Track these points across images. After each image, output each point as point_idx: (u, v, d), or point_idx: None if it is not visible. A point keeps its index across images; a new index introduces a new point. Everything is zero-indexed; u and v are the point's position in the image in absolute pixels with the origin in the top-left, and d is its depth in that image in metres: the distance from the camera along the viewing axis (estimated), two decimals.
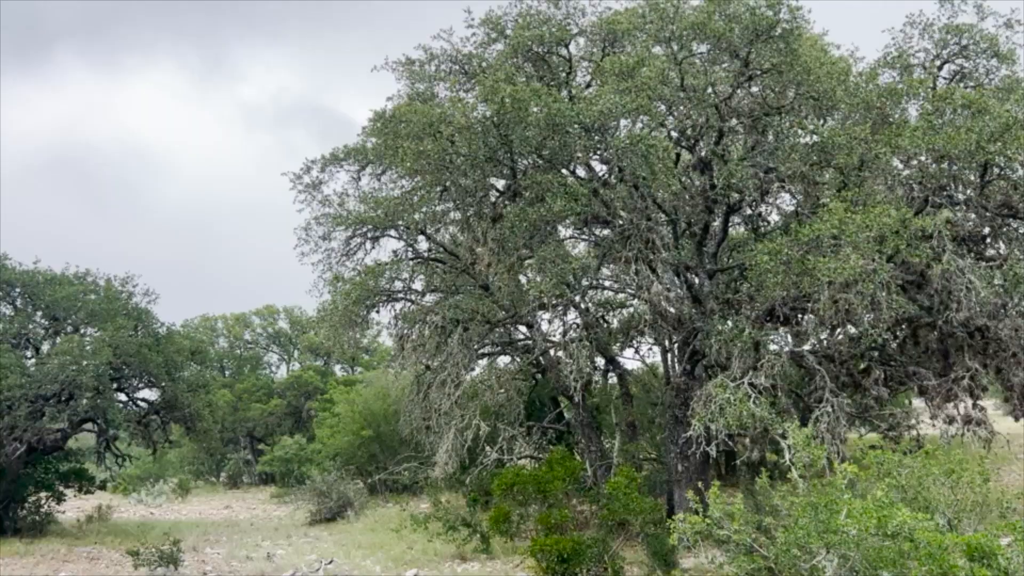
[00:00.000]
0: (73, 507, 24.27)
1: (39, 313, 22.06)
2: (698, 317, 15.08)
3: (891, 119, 14.52)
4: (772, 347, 14.84)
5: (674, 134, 16.16)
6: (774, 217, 17.42)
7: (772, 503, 9.12)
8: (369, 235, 18.67)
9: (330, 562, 15.12)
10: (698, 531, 8.46)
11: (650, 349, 22.20)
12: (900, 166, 15.06)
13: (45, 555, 17.44)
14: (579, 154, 15.36)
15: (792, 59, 14.30)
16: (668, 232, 15.28)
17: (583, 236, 18.35)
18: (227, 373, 42.87)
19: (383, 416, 27.47)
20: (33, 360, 20.90)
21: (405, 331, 19.31)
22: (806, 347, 15.34)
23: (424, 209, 17.97)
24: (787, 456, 11.17)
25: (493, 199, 16.20)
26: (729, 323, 14.94)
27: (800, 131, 14.89)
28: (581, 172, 16.27)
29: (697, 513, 9.03)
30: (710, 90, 14.82)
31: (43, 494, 21.74)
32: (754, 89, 15.63)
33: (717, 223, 16.09)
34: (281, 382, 41.34)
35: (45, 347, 21.81)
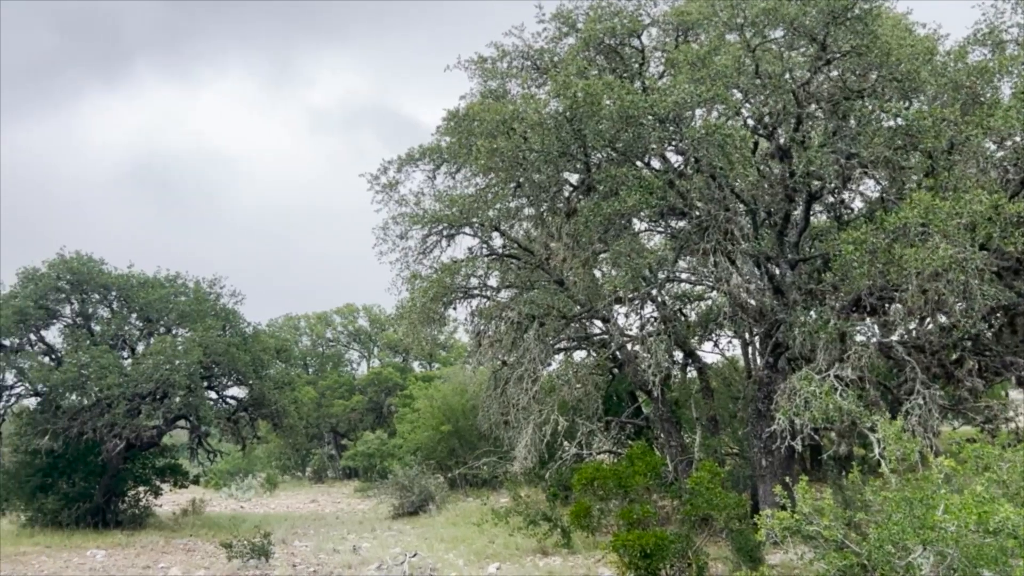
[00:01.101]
0: (169, 501, 25.35)
1: (134, 315, 23.06)
2: (780, 309, 14.75)
3: (982, 99, 13.88)
4: (859, 338, 14.40)
5: (751, 122, 15.81)
6: (857, 204, 16.89)
7: (864, 498, 8.86)
8: (444, 233, 18.87)
9: (414, 555, 15.38)
10: (787, 527, 8.29)
11: (730, 342, 21.86)
12: (993, 148, 14.39)
13: (145, 546, 18.26)
14: (654, 146, 15.18)
15: (872, 40, 13.82)
16: (747, 222, 14.98)
17: (659, 229, 18.17)
18: (310, 371, 44.06)
19: (461, 411, 27.79)
20: (129, 360, 21.84)
21: (481, 327, 19.49)
22: (894, 337, 14.80)
23: (498, 206, 18.08)
24: (877, 450, 10.85)
25: (567, 194, 16.18)
26: (813, 314, 14.57)
27: (883, 114, 14.38)
28: (656, 164, 16.08)
29: (784, 508, 8.86)
30: (787, 76, 14.45)
31: (141, 488, 22.77)
32: (833, 73, 15.15)
33: (798, 212, 15.68)
34: (362, 379, 42.24)
35: (140, 348, 22.80)
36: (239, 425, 24.22)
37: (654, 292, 16.98)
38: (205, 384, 22.33)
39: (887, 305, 14.39)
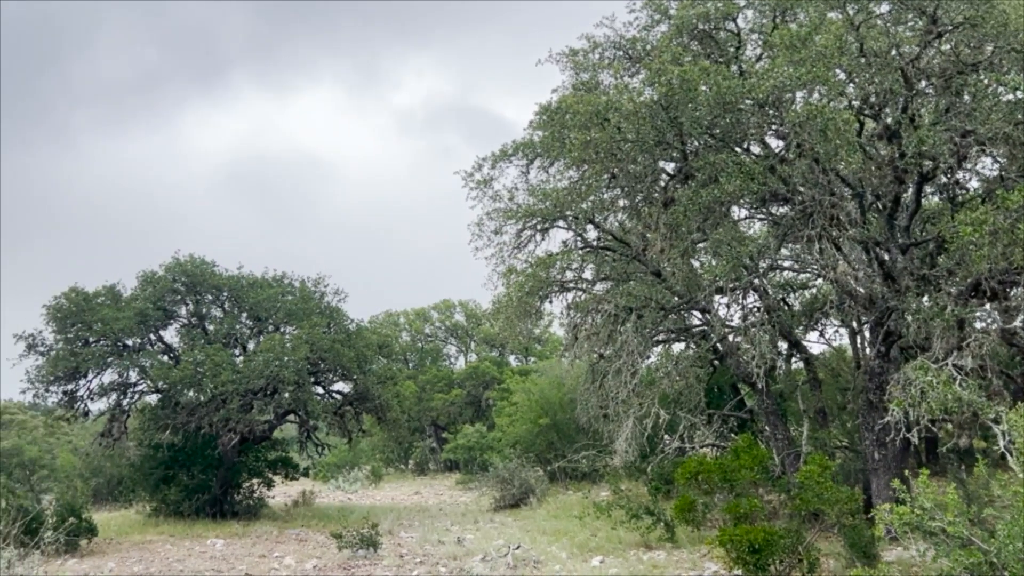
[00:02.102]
0: (280, 492, 26.38)
1: (244, 314, 24.08)
2: (891, 295, 14.14)
3: None
4: (978, 324, 13.66)
5: (856, 103, 15.18)
6: (974, 184, 16.01)
7: (991, 493, 8.41)
8: (539, 227, 18.91)
9: (517, 547, 15.50)
10: (907, 522, 7.95)
11: (836, 331, 21.11)
12: None
13: (260, 536, 19.05)
14: (752, 131, 14.78)
15: (988, 10, 13.05)
16: (854, 207, 14.42)
17: (760, 216, 17.70)
18: (411, 365, 44.98)
19: (559, 404, 27.83)
20: (241, 358, 22.82)
21: (578, 320, 19.45)
22: (1018, 323, 13.98)
23: (592, 198, 17.98)
24: (1002, 443, 10.29)
25: (663, 183, 15.95)
26: (926, 300, 13.92)
27: (1001, 88, 13.57)
28: (756, 149, 15.66)
29: (900, 503, 8.50)
30: (894, 52, 13.82)
31: (255, 480, 23.75)
32: (945, 47, 14.39)
33: (908, 194, 14.99)
34: (460, 373, 42.87)
35: (251, 345, 23.80)
36: (345, 419, 24.96)
37: (756, 281, 16.56)
38: (312, 380, 23.09)
39: (1009, 289, 13.60)
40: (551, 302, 19.49)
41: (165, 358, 22.49)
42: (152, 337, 22.85)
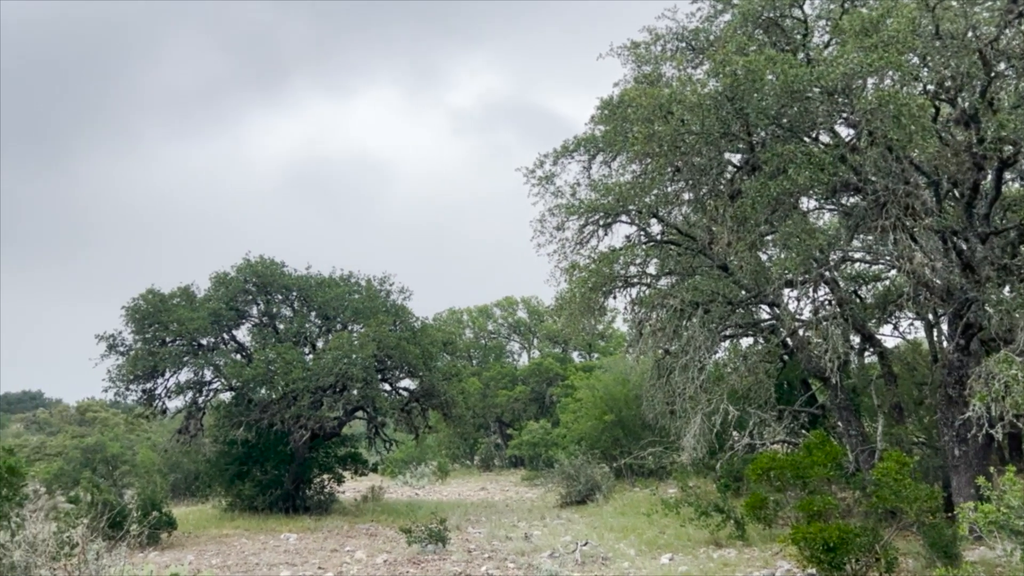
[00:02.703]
0: (350, 488, 26.85)
1: (313, 313, 24.58)
2: (970, 286, 13.63)
3: None
4: None
5: (930, 87, 14.69)
6: None
7: None
8: (601, 222, 18.78)
9: (585, 544, 15.48)
10: (992, 521, 7.66)
11: (911, 324, 20.45)
12: None
13: (331, 531, 19.44)
14: (821, 120, 14.41)
15: None
16: (929, 195, 13.95)
17: (830, 207, 17.27)
18: (474, 362, 45.27)
19: (624, 401, 27.65)
20: (311, 356, 23.30)
21: (642, 316, 19.26)
22: None
23: (655, 192, 17.76)
24: None
25: (729, 175, 15.68)
26: (1008, 291, 13.38)
27: None
28: (825, 138, 15.28)
29: (984, 500, 8.20)
30: (971, 34, 13.31)
31: (325, 476, 24.23)
32: None
33: (988, 181, 14.42)
34: (523, 369, 42.97)
35: (320, 344, 24.28)
36: (411, 415, 25.27)
37: (827, 274, 16.15)
38: (379, 377, 23.43)
39: None
40: (615, 298, 19.34)
41: (238, 357, 23.11)
42: (225, 336, 23.50)
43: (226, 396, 23.77)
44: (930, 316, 18.54)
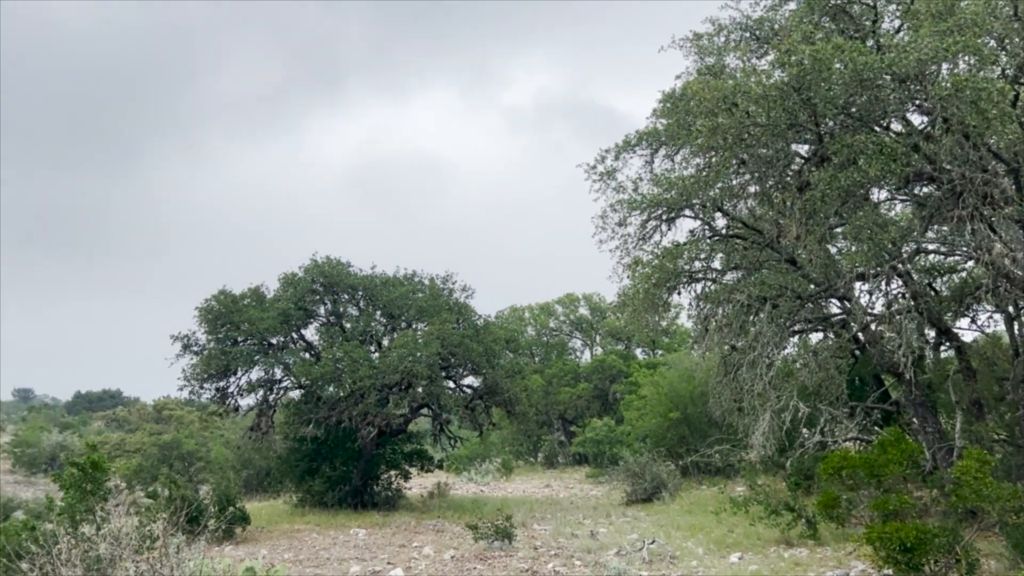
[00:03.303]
0: (416, 484, 27.16)
1: (378, 312, 24.93)
2: None
3: None
4: None
5: (1009, 71, 14.11)
6: None
7: None
8: (664, 217, 18.55)
9: (652, 542, 15.35)
10: None
11: (990, 317, 19.68)
12: None
13: (399, 526, 19.71)
14: (893, 108, 13.97)
15: None
16: (1009, 183, 13.40)
17: (902, 197, 16.74)
18: (536, 359, 45.31)
19: (689, 398, 27.34)
20: (377, 354, 23.64)
21: (708, 311, 18.99)
22: None
23: (720, 185, 17.48)
24: None
25: (797, 167, 15.33)
26: None
27: None
28: (897, 127, 14.81)
29: None
30: None
31: (392, 472, 24.56)
32: None
33: None
34: (586, 366, 42.83)
35: (385, 342, 24.62)
36: (475, 412, 25.43)
37: (900, 266, 15.67)
38: (443, 374, 23.65)
39: None
40: (679, 293, 19.11)
41: (307, 355, 23.59)
42: (294, 336, 24.01)
43: (296, 394, 24.28)
44: (1010, 308, 17.81)
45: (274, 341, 23.34)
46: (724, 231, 19.02)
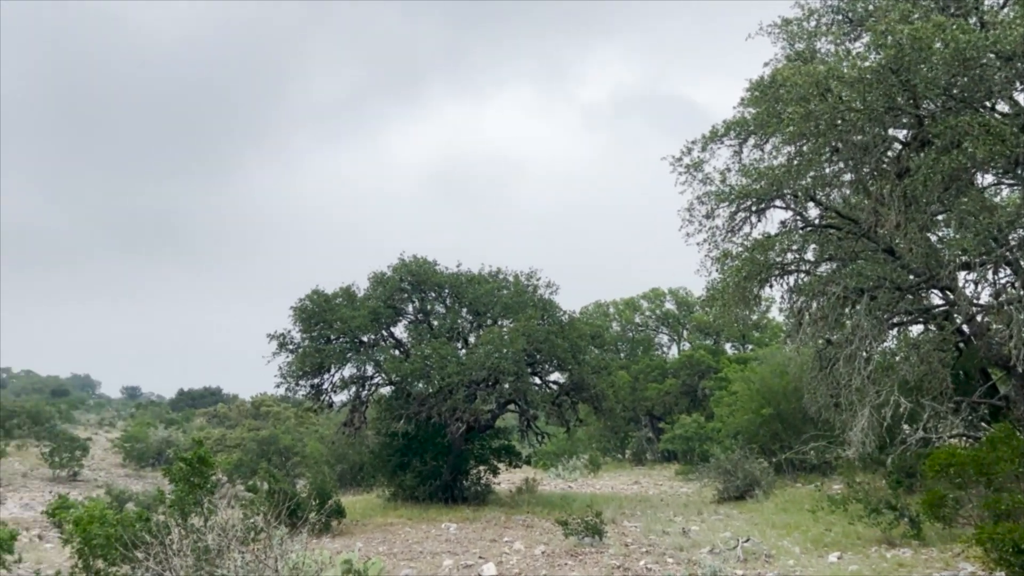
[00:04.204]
0: (504, 479, 27.34)
1: (464, 309, 25.19)
2: None
3: None
4: None
5: None
6: None
7: None
8: (753, 208, 18.17)
9: (747, 540, 15.03)
10: None
11: None
12: None
13: (489, 521, 19.88)
14: (998, 87, 13.30)
15: None
16: None
17: (1010, 181, 15.88)
18: (622, 355, 44.94)
19: (782, 393, 26.63)
20: (464, 350, 23.89)
21: (802, 304, 18.48)
22: None
23: (812, 174, 16.99)
24: None
25: (895, 153, 14.75)
26: None
27: None
28: (1003, 107, 14.08)
29: None
30: None
31: (481, 467, 24.78)
32: None
33: None
34: (674, 362, 42.25)
35: (471, 339, 24.86)
36: (562, 408, 25.40)
37: (1008, 254, 14.88)
38: (529, 370, 23.72)
39: None
40: (771, 286, 18.68)
41: (396, 352, 24.02)
42: (384, 333, 24.50)
43: (386, 390, 24.75)
44: None
45: (365, 339, 23.86)
46: (817, 221, 18.50)
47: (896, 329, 18.57)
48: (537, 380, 25.04)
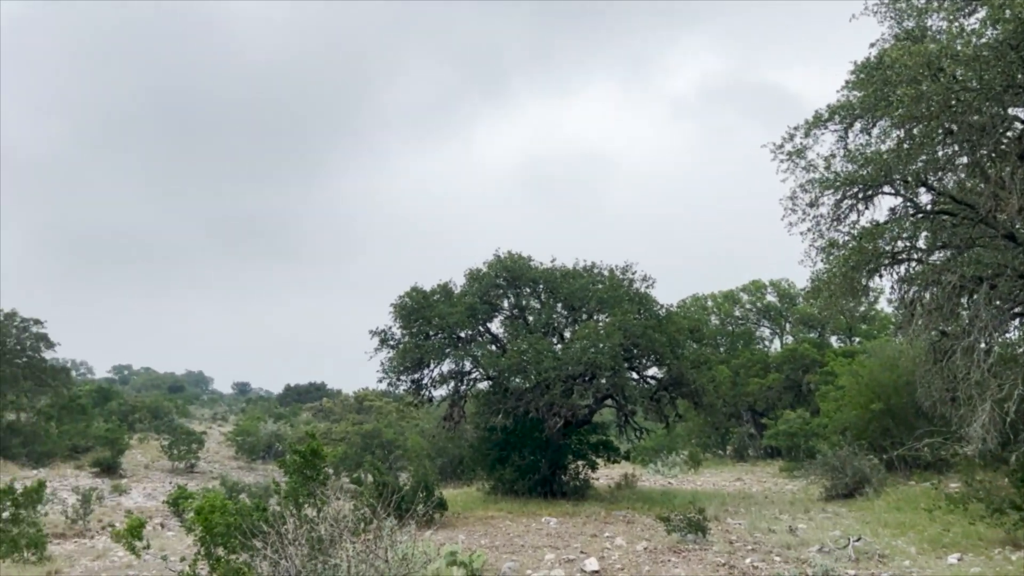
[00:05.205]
0: (602, 475, 27.24)
1: (559, 304, 25.22)
2: None
3: None
4: None
5: None
6: None
7: None
8: (860, 195, 17.48)
9: (858, 539, 14.50)
10: None
11: None
12: None
13: (589, 516, 19.85)
14: None
15: None
16: None
17: None
18: (721, 350, 44.06)
19: (893, 388, 25.54)
20: (559, 345, 23.92)
21: (914, 295, 17.68)
22: None
23: (923, 157, 16.20)
24: None
25: (1015, 133, 13.91)
26: None
27: None
28: None
29: None
30: None
31: (579, 462, 24.77)
32: None
33: None
34: (776, 356, 41.14)
35: (567, 334, 24.86)
36: (660, 404, 25.13)
37: None
38: (627, 365, 23.54)
39: None
40: (880, 276, 17.92)
41: (493, 348, 24.27)
42: (481, 329, 24.79)
43: (484, 385, 25.06)
44: None
45: (462, 335, 24.20)
46: (929, 207, 17.61)
47: (1019, 320, 17.53)
48: (634, 375, 24.84)
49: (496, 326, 25.26)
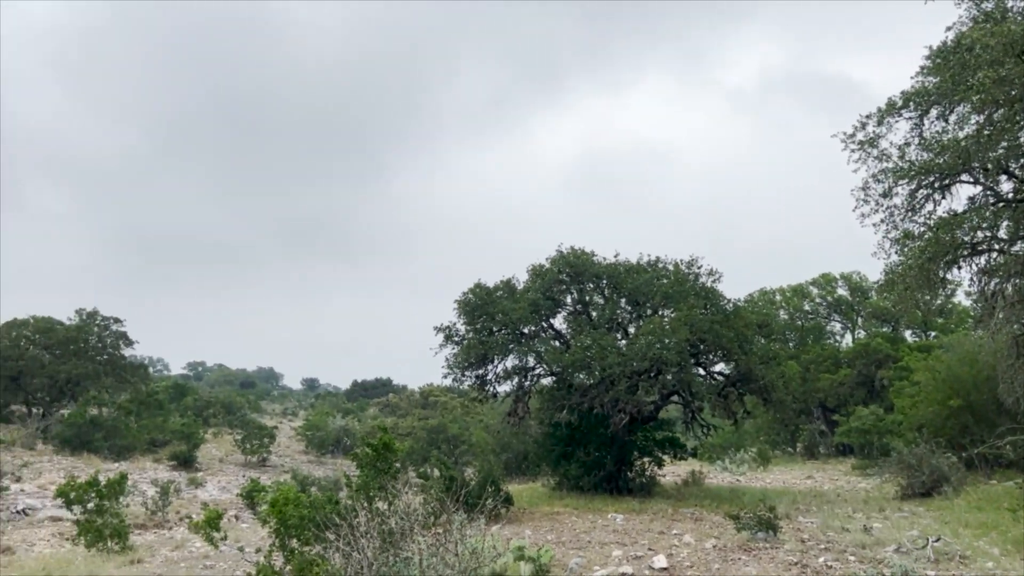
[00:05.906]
0: (669, 472, 26.96)
1: (623, 299, 25.00)
2: None
3: None
4: None
5: None
6: None
7: None
8: (936, 184, 16.94)
9: (937, 540, 14.02)
10: None
11: None
12: None
13: (656, 513, 19.66)
14: None
15: None
16: None
17: None
18: (791, 344, 43.16)
19: (972, 383, 24.68)
20: (624, 341, 23.73)
21: (995, 287, 17.05)
22: None
23: (1005, 144, 15.58)
24: None
25: None
26: None
27: None
28: None
29: None
30: None
31: (645, 459, 24.55)
32: None
33: None
34: (847, 351, 40.11)
35: (631, 329, 24.65)
36: (728, 400, 24.70)
37: None
38: (693, 361, 23.21)
39: None
40: (959, 268, 17.31)
41: (556, 343, 24.22)
42: (544, 325, 24.75)
43: (548, 381, 25.02)
44: None
45: (526, 330, 24.20)
46: (1011, 196, 16.93)
47: None
48: (701, 371, 24.47)
49: (559, 322, 25.18)
